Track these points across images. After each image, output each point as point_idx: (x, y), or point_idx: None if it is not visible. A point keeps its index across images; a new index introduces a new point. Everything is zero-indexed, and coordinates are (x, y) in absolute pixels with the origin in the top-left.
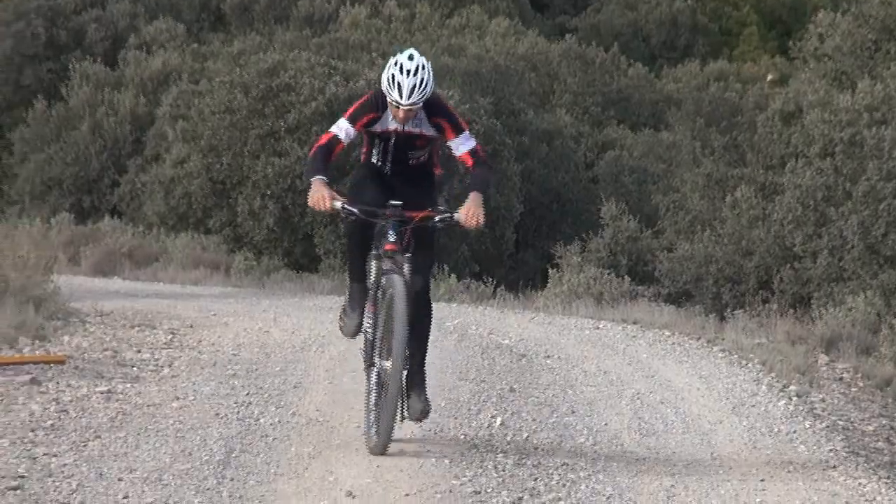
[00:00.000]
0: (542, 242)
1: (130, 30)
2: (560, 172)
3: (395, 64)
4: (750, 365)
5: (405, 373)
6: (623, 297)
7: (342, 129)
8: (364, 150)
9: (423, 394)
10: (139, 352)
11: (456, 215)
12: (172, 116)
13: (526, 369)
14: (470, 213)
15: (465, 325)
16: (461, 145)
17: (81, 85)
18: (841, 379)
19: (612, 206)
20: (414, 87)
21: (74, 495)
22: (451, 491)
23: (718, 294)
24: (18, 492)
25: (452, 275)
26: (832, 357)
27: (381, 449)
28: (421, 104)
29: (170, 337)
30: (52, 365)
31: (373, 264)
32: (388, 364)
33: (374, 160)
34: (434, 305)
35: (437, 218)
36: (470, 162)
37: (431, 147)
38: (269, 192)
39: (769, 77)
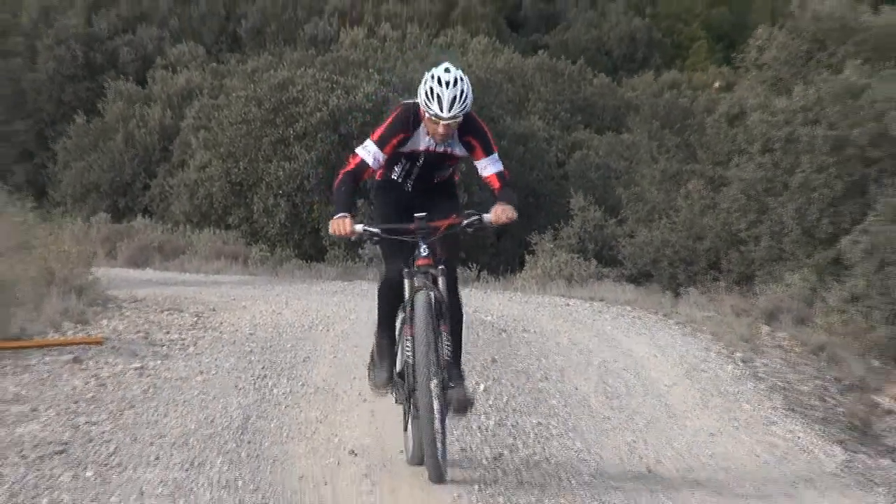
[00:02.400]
0: (520, 232)
1: (157, 52)
2: (535, 171)
3: (433, 77)
4: (701, 335)
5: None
6: (590, 277)
7: (371, 153)
8: (382, 166)
9: (461, 385)
10: (168, 333)
11: (486, 217)
12: (195, 127)
13: (506, 342)
14: (500, 211)
15: None
16: (489, 166)
17: (115, 101)
18: (780, 346)
19: (580, 198)
20: (454, 98)
21: (112, 458)
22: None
23: (674, 274)
24: (63, 455)
25: None
26: (773, 327)
27: (437, 475)
28: (461, 117)
29: (195, 319)
30: (92, 345)
31: (405, 283)
32: (432, 384)
33: (393, 177)
34: None
35: (464, 223)
36: (497, 185)
37: (457, 166)
38: (280, 192)
39: (716, 84)
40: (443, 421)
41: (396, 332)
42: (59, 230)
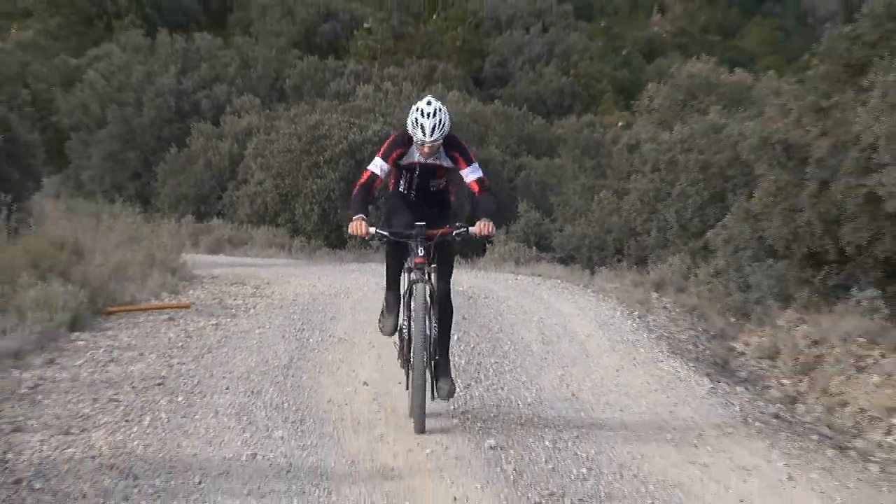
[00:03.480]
0: None
1: (227, 102)
2: (493, 185)
3: (417, 109)
4: (609, 300)
5: (433, 362)
6: (532, 260)
7: (378, 165)
8: (392, 181)
9: (448, 377)
10: (235, 299)
11: (471, 229)
12: (254, 155)
13: (472, 305)
14: (482, 226)
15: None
16: (470, 174)
17: (198, 137)
18: (665, 307)
19: (524, 205)
20: (434, 126)
21: (196, 387)
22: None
23: (590, 257)
24: (162, 386)
25: None
26: (660, 294)
27: (419, 427)
28: (441, 140)
29: (254, 290)
30: (182, 308)
31: (403, 276)
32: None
33: (401, 189)
34: None
35: (454, 232)
36: (476, 188)
37: (449, 176)
38: (314, 201)
39: (620, 124)
40: (423, 386)
41: (401, 289)
42: (158, 228)
